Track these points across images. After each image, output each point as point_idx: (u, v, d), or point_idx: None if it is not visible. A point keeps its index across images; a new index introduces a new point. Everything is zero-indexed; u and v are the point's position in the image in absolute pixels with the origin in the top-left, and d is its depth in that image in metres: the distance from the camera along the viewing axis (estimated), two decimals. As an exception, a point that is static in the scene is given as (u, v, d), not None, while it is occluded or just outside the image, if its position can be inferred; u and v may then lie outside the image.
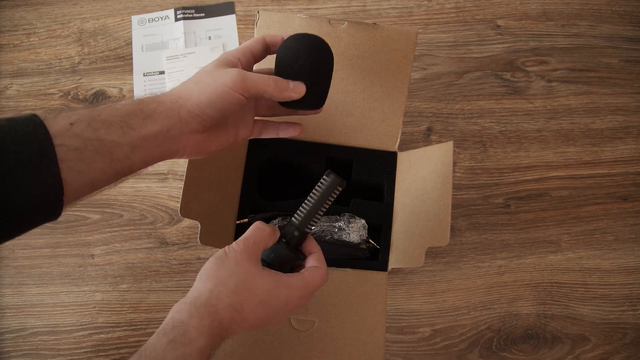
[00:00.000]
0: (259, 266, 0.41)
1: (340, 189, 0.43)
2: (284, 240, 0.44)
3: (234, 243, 0.41)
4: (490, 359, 0.60)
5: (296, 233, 0.44)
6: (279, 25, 0.54)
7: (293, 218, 0.44)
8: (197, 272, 0.41)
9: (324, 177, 0.43)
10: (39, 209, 0.35)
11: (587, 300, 0.62)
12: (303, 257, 0.45)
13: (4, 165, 0.32)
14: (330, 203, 0.44)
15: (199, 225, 0.50)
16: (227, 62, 0.43)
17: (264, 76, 0.43)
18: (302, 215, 0.44)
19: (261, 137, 0.49)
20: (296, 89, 0.44)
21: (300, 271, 0.43)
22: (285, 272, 0.42)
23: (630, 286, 0.63)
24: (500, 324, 0.61)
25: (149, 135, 0.38)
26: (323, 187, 0.43)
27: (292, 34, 0.46)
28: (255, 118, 0.49)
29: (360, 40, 0.54)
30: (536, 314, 0.62)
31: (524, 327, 0.61)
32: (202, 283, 0.39)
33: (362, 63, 0.54)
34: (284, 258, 0.44)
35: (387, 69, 0.55)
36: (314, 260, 0.44)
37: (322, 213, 0.44)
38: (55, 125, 0.34)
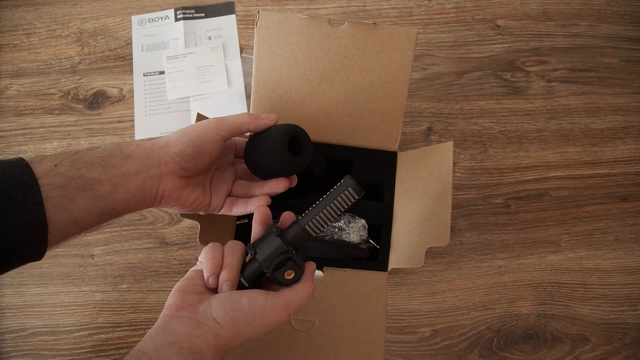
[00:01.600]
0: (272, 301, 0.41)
1: (357, 197, 0.42)
2: (278, 233, 0.42)
3: (254, 294, 0.40)
4: (491, 359, 0.60)
5: (297, 230, 0.42)
6: (279, 25, 0.54)
7: (300, 217, 0.43)
8: None
9: (343, 181, 0.42)
10: (23, 244, 0.36)
11: (587, 300, 0.62)
12: (300, 258, 0.42)
13: None
14: (342, 209, 0.42)
15: (199, 225, 0.50)
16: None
17: (237, 114, 0.46)
18: (309, 216, 0.42)
19: (231, 213, 0.50)
20: (270, 117, 0.48)
21: (284, 290, 0.42)
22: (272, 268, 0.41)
23: (630, 286, 0.63)
24: (500, 324, 0.61)
25: (129, 173, 0.40)
26: (338, 192, 0.42)
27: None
28: (228, 196, 0.50)
29: (360, 40, 0.54)
30: (536, 314, 0.62)
31: (524, 327, 0.61)
32: (232, 327, 0.40)
33: (362, 63, 0.55)
34: (274, 251, 0.41)
35: (387, 69, 0.55)
36: (306, 277, 0.43)
37: (331, 218, 0.42)
38: (40, 167, 0.36)
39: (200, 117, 0.50)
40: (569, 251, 0.64)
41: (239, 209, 0.49)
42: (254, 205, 0.48)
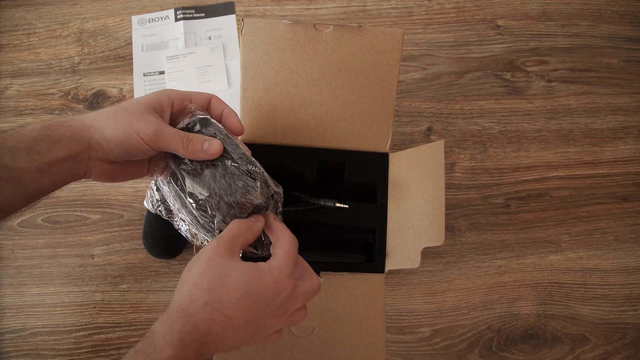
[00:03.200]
0: (235, 258, 0.38)
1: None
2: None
3: (208, 243, 0.40)
4: (491, 359, 0.60)
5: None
6: (264, 32, 0.54)
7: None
8: None
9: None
10: None
11: (587, 300, 0.62)
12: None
13: None
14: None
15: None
16: (156, 107, 0.42)
17: (178, 134, 0.41)
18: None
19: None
20: (210, 150, 0.42)
21: (272, 251, 0.42)
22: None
23: (630, 286, 0.63)
24: (500, 324, 0.61)
25: (57, 159, 0.38)
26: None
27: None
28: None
29: (346, 43, 0.54)
30: (536, 314, 0.62)
31: (524, 327, 0.61)
32: (177, 290, 0.38)
33: (349, 66, 0.55)
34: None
35: (374, 71, 0.55)
36: (278, 230, 0.43)
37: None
38: None
39: (151, 106, 0.42)
40: (569, 251, 0.64)
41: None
42: None
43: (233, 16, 0.74)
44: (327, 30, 0.54)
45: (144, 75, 0.71)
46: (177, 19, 0.73)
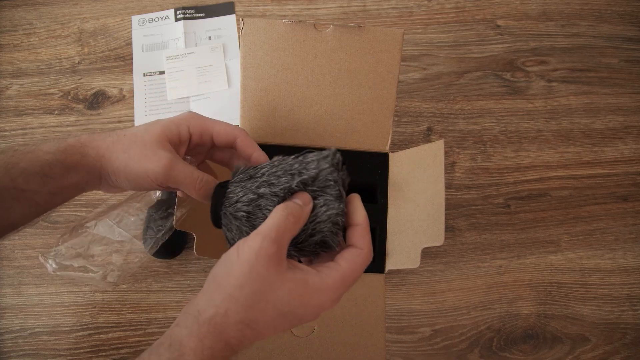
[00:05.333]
0: (281, 269, 0.33)
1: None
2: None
3: (250, 237, 0.33)
4: (491, 359, 0.60)
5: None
6: (264, 32, 0.54)
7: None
8: (197, 273, 0.40)
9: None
10: None
11: (587, 300, 0.62)
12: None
13: None
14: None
15: (195, 236, 0.50)
16: (172, 139, 0.40)
17: (191, 175, 0.39)
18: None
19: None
20: (203, 191, 0.40)
21: (337, 260, 0.35)
22: None
23: (630, 286, 0.63)
24: (500, 324, 0.61)
25: (70, 185, 0.39)
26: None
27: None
28: None
29: (346, 43, 0.54)
30: (536, 314, 0.62)
31: (524, 327, 0.61)
32: (208, 294, 0.33)
33: (349, 66, 0.55)
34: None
35: (374, 71, 0.55)
36: (355, 236, 0.36)
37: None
38: None
39: (164, 137, 0.40)
40: (569, 251, 0.64)
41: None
42: None
43: (233, 16, 0.74)
44: (327, 30, 0.54)
45: (144, 75, 0.71)
46: (177, 19, 0.73)
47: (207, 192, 0.39)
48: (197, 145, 0.43)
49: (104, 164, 0.39)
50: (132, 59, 0.72)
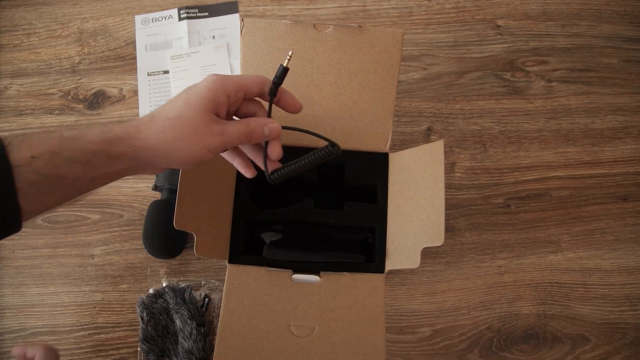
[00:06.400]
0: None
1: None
2: None
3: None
4: (490, 359, 0.60)
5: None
6: (264, 32, 0.54)
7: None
8: (197, 273, 0.40)
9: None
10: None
11: (587, 300, 0.62)
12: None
13: None
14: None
15: (195, 236, 0.50)
16: (215, 109, 0.41)
17: (240, 132, 0.42)
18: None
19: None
20: (272, 135, 0.44)
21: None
22: None
23: (630, 286, 0.63)
24: (500, 324, 0.61)
25: (112, 172, 0.39)
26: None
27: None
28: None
29: (346, 43, 0.54)
30: (536, 314, 0.62)
31: (524, 327, 0.61)
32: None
33: (349, 66, 0.55)
34: None
35: (374, 71, 0.55)
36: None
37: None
38: (18, 154, 0.35)
39: (210, 107, 0.42)
40: (569, 251, 0.64)
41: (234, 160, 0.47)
42: (242, 168, 0.47)
43: (237, 15, 0.74)
44: (327, 30, 0.54)
45: (148, 75, 0.71)
46: (180, 19, 0.73)
47: (257, 137, 0.43)
48: (233, 103, 0.44)
49: (155, 153, 0.39)
50: (132, 58, 0.72)
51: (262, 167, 0.45)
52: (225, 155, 0.46)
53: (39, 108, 0.69)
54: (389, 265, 0.54)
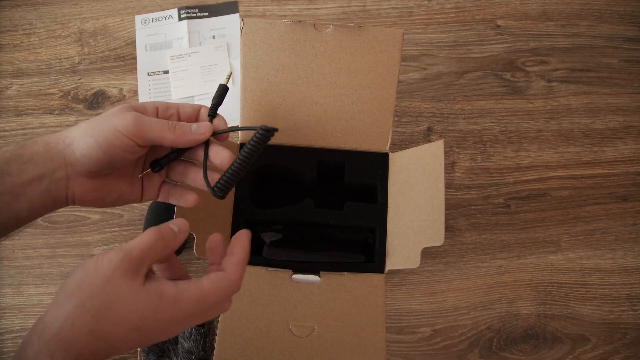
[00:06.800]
0: (136, 282, 0.32)
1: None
2: None
3: (112, 251, 0.32)
4: (490, 359, 0.60)
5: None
6: (263, 32, 0.54)
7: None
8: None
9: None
10: None
11: (587, 300, 0.62)
12: None
13: None
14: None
15: (195, 236, 0.50)
16: (130, 108, 0.39)
17: (162, 121, 0.38)
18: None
19: (168, 201, 0.44)
20: (200, 130, 0.39)
21: (200, 278, 0.34)
22: None
23: (630, 286, 0.63)
24: (500, 324, 0.61)
25: (30, 179, 0.35)
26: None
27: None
28: (165, 180, 0.44)
29: (346, 43, 0.54)
30: (536, 314, 0.62)
31: (524, 327, 0.61)
32: (56, 306, 0.31)
33: (349, 66, 0.55)
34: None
35: (374, 71, 0.55)
36: (228, 263, 0.35)
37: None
38: None
39: (125, 108, 0.38)
40: (569, 251, 0.64)
41: (174, 198, 0.43)
42: (187, 201, 0.43)
43: (237, 15, 0.74)
44: (327, 30, 0.54)
45: (148, 75, 0.71)
46: (180, 19, 0.73)
47: (182, 131, 0.38)
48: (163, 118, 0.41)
49: (67, 142, 0.37)
50: (132, 58, 0.72)
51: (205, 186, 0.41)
52: (161, 196, 0.43)
53: (39, 108, 0.69)
54: (389, 265, 0.54)
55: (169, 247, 0.34)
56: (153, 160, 0.42)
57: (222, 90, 0.43)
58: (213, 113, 0.42)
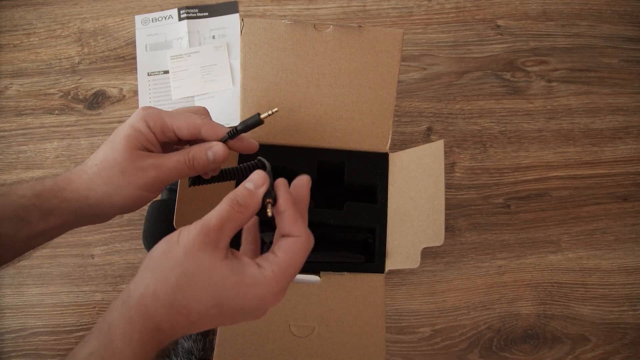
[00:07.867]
0: (217, 255, 0.31)
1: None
2: None
3: (193, 224, 0.32)
4: (490, 359, 0.60)
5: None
6: (264, 32, 0.54)
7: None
8: None
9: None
10: None
11: (587, 300, 0.62)
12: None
13: None
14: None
15: None
16: (139, 144, 0.37)
17: (178, 163, 0.37)
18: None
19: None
20: (218, 159, 0.38)
21: (273, 251, 0.33)
22: None
23: (630, 286, 0.63)
24: (500, 324, 0.61)
25: (51, 228, 0.36)
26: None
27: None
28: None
29: (346, 44, 0.54)
30: (536, 314, 0.62)
31: (524, 327, 0.61)
32: (141, 275, 0.31)
33: (349, 66, 0.55)
34: None
35: (374, 71, 0.55)
36: (289, 224, 0.33)
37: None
38: None
39: (135, 145, 0.37)
40: (569, 251, 0.64)
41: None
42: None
43: (237, 15, 0.74)
44: (327, 30, 0.54)
45: (148, 75, 0.71)
46: (180, 19, 0.73)
47: (200, 165, 0.38)
48: (163, 142, 0.39)
49: (90, 203, 0.37)
50: (132, 58, 0.72)
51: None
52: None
53: (39, 108, 0.69)
54: (389, 265, 0.54)
55: (246, 209, 0.33)
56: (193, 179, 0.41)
57: (255, 123, 0.40)
58: (232, 137, 0.40)
